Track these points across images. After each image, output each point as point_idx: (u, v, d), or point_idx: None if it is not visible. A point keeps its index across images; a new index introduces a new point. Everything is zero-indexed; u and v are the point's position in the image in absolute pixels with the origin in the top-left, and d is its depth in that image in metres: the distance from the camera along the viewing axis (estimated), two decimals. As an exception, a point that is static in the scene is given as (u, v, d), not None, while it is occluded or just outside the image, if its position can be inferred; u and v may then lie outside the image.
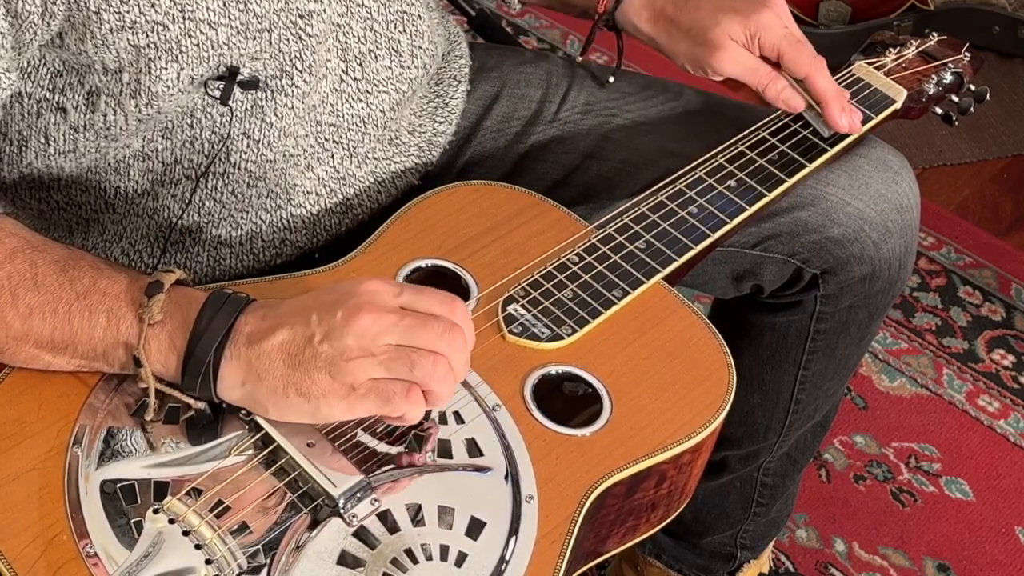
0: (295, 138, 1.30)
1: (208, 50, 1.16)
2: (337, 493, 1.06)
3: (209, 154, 1.26)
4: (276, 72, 1.24)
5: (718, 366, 1.23)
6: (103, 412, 1.11)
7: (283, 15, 1.21)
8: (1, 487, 1.05)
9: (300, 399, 1.05)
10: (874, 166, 1.47)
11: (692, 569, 1.81)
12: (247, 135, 1.26)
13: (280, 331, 1.06)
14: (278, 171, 1.31)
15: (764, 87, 1.42)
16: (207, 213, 1.31)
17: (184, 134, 1.24)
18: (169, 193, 1.29)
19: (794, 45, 1.41)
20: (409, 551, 1.05)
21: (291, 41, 1.23)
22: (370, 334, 1.05)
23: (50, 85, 1.18)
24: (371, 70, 1.35)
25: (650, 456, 1.15)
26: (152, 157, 1.25)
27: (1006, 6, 3.00)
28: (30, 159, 1.24)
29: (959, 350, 2.35)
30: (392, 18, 1.36)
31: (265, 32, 1.20)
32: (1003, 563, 2.04)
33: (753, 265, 1.47)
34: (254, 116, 1.25)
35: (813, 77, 1.41)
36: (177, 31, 1.14)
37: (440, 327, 1.06)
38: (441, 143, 1.48)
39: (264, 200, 1.33)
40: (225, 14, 1.16)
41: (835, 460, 2.15)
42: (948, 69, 1.57)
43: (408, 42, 1.38)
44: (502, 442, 1.14)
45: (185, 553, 1.03)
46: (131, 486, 1.07)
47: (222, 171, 1.28)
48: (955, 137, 2.80)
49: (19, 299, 1.09)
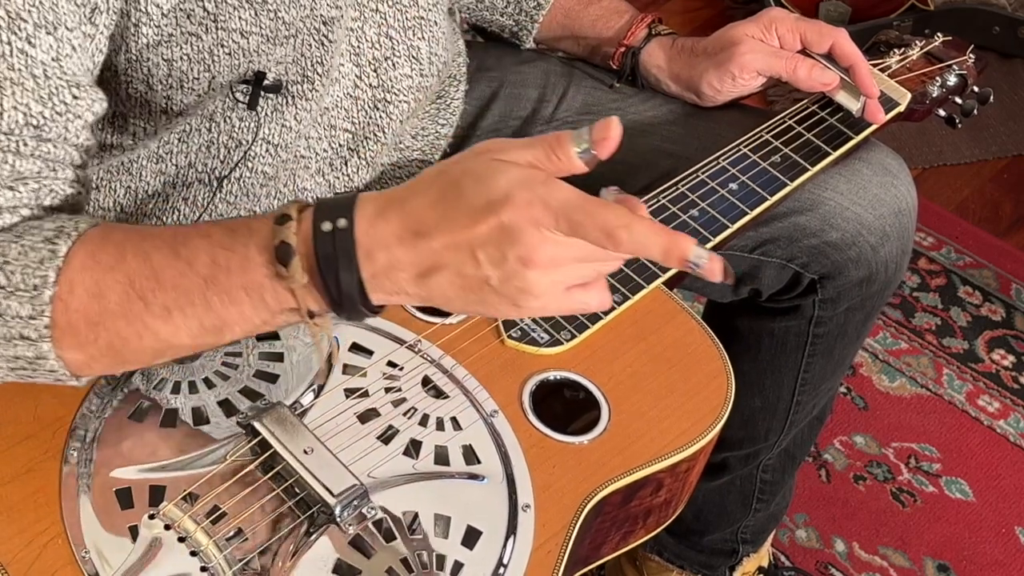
0: (307, 140, 1.30)
1: (239, 58, 1.16)
2: (333, 500, 1.05)
3: (224, 159, 1.25)
4: (298, 77, 1.23)
5: (717, 373, 1.22)
6: (100, 414, 1.11)
7: (308, 22, 1.21)
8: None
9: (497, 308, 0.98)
10: (873, 170, 1.46)
11: (694, 565, 1.82)
12: (267, 140, 1.26)
13: (445, 270, 0.96)
14: (289, 171, 1.31)
15: (794, 69, 1.43)
16: (218, 215, 1.30)
17: (202, 138, 1.24)
18: (180, 196, 1.28)
19: (811, 23, 1.45)
20: (405, 560, 1.05)
21: (314, 47, 1.23)
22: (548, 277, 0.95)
23: None
24: (389, 78, 1.34)
25: (648, 465, 1.15)
26: (166, 159, 1.25)
27: (1006, 6, 2.99)
28: None
29: (959, 350, 2.35)
30: (410, 24, 1.35)
31: (291, 38, 1.20)
32: (1003, 563, 2.04)
33: (752, 269, 1.47)
34: (274, 121, 1.25)
35: (840, 43, 1.44)
36: (210, 41, 1.13)
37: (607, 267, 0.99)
38: (442, 145, 1.48)
39: (272, 201, 1.32)
40: (256, 22, 1.15)
41: (835, 460, 2.15)
42: (953, 71, 1.56)
43: (427, 49, 1.38)
44: (499, 449, 1.14)
45: (180, 559, 1.03)
46: (127, 490, 1.07)
47: (238, 175, 1.27)
48: (955, 137, 2.79)
49: (151, 303, 1.00)
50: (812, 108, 1.46)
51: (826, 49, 1.45)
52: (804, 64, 1.44)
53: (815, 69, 1.44)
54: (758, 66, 1.45)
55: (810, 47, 1.45)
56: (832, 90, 1.46)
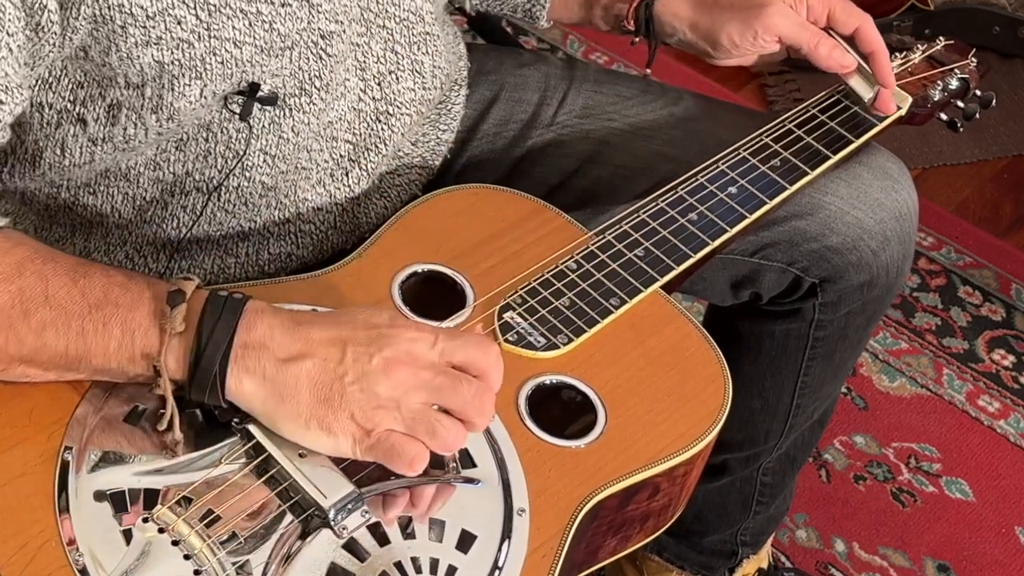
0: (308, 151, 1.30)
1: (232, 67, 1.16)
2: (327, 504, 1.05)
3: (222, 168, 1.25)
4: (295, 90, 1.23)
5: (714, 377, 1.22)
6: (95, 418, 1.11)
7: (304, 35, 1.20)
8: (-9, 493, 1.05)
9: (320, 432, 1.05)
10: (873, 174, 1.46)
11: (693, 566, 1.82)
12: (264, 151, 1.26)
13: (310, 359, 1.05)
14: (289, 182, 1.31)
15: (815, 45, 1.43)
16: (218, 223, 1.30)
17: (199, 147, 1.23)
18: (179, 204, 1.28)
19: (842, 1, 1.44)
20: (399, 564, 1.05)
21: (311, 60, 1.22)
22: (403, 388, 1.05)
23: (71, 96, 1.17)
24: (392, 91, 1.34)
25: (644, 469, 1.14)
26: (164, 167, 1.25)
27: (1006, 6, 2.98)
28: (43, 169, 1.23)
29: (959, 350, 2.35)
30: (415, 40, 1.35)
31: (287, 51, 1.20)
32: (1003, 563, 2.04)
33: (752, 273, 1.47)
34: (271, 133, 1.25)
35: (865, 28, 1.43)
36: (202, 49, 1.13)
37: (471, 392, 1.06)
38: (443, 151, 1.48)
39: (273, 211, 1.32)
40: (250, 33, 1.15)
41: (835, 460, 2.15)
42: (955, 74, 1.56)
43: (430, 63, 1.38)
44: (495, 453, 1.13)
45: (174, 563, 1.02)
46: (121, 494, 1.06)
47: (236, 184, 1.27)
48: (955, 137, 2.78)
49: (31, 315, 1.06)
50: (812, 111, 1.45)
51: (851, 30, 1.44)
52: (827, 42, 1.43)
53: (836, 49, 1.43)
54: (783, 31, 1.43)
55: (835, 25, 1.45)
56: (848, 74, 1.45)
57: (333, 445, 1.06)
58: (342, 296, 1.24)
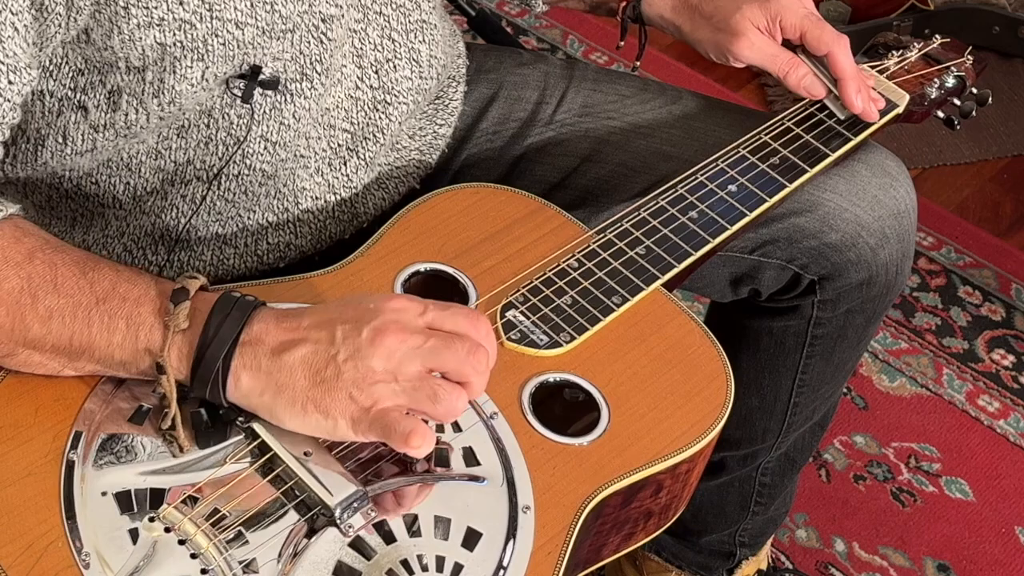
0: (307, 139, 1.30)
1: (233, 49, 1.16)
2: (333, 503, 1.05)
3: (223, 156, 1.26)
4: (296, 75, 1.24)
5: (717, 375, 1.22)
6: (100, 417, 1.11)
7: (306, 17, 1.21)
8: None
9: (319, 416, 1.05)
10: (872, 171, 1.46)
11: (692, 566, 1.82)
12: (264, 137, 1.26)
13: (303, 345, 1.06)
14: (288, 170, 1.31)
15: (785, 74, 1.43)
16: (217, 213, 1.31)
17: (200, 133, 1.24)
18: (179, 193, 1.28)
19: (816, 23, 1.44)
20: (405, 562, 1.05)
21: (312, 44, 1.23)
22: (396, 357, 1.05)
23: (72, 83, 1.18)
24: (389, 80, 1.35)
25: (648, 466, 1.15)
26: (165, 155, 1.25)
27: (1006, 6, 2.99)
28: (45, 158, 1.23)
29: (959, 350, 2.35)
30: (412, 27, 1.36)
31: (288, 33, 1.20)
32: (1003, 563, 2.04)
33: (751, 269, 1.47)
34: (272, 119, 1.25)
35: (835, 54, 1.43)
36: (204, 30, 1.14)
37: (464, 349, 1.06)
38: (440, 146, 1.48)
39: (272, 200, 1.33)
40: (252, 14, 1.16)
41: (835, 460, 2.15)
42: (951, 72, 1.56)
43: (427, 52, 1.38)
44: (499, 451, 1.14)
45: (181, 562, 1.03)
46: (127, 493, 1.06)
47: (236, 172, 1.28)
48: (955, 137, 2.79)
49: (39, 301, 1.07)
50: (811, 110, 1.46)
51: (823, 55, 1.44)
52: (797, 71, 1.44)
53: (806, 77, 1.44)
54: (753, 61, 1.44)
55: (808, 47, 1.45)
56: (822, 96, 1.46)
57: (331, 428, 1.06)
58: (344, 295, 1.24)
